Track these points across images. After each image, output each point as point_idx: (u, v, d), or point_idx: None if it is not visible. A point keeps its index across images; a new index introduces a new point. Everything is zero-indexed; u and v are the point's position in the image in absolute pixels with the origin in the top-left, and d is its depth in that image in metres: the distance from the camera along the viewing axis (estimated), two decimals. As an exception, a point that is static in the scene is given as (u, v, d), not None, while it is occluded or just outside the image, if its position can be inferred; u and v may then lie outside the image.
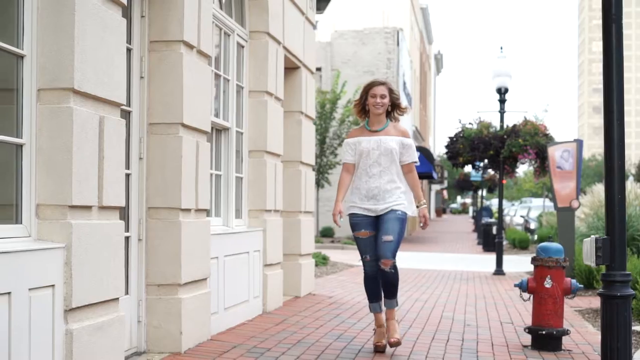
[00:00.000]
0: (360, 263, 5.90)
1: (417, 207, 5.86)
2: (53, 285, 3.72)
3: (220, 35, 6.76)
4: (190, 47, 5.48)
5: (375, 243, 5.70)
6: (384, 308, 5.86)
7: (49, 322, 3.71)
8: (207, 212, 5.97)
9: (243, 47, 7.33)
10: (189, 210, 5.46)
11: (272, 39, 7.60)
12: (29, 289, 3.54)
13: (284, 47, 8.07)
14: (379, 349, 5.79)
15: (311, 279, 9.33)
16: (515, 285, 6.53)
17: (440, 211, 68.90)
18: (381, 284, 5.77)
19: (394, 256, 5.64)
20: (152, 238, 5.29)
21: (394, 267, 5.64)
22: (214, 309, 6.05)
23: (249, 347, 5.69)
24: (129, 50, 5.06)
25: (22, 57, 3.78)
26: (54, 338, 3.74)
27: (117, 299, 4.33)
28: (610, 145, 4.33)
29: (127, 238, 5.05)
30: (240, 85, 7.29)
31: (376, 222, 5.72)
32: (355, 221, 5.77)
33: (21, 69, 3.79)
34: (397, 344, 5.67)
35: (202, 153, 5.65)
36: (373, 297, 5.87)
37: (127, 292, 5.03)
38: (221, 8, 6.73)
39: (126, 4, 4.50)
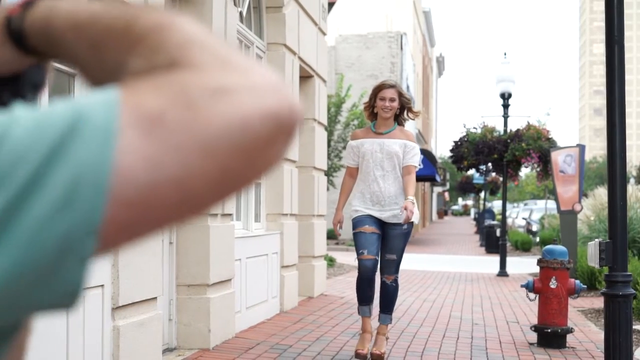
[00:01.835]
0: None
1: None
2: (102, 285, 4.07)
3: (241, 47, 7.10)
4: (217, 61, 5.79)
5: (377, 243, 5.51)
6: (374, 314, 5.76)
7: (99, 319, 4.05)
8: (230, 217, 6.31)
9: (261, 58, 7.67)
10: (215, 215, 5.79)
11: (289, 50, 7.93)
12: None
13: (299, 58, 8.40)
14: (359, 356, 5.54)
15: (323, 280, 9.66)
16: (522, 286, 6.87)
17: (442, 213, 69.25)
18: (380, 296, 5.67)
19: (397, 271, 5.61)
20: (182, 241, 5.63)
21: (396, 281, 5.59)
22: (237, 308, 6.39)
23: (272, 344, 6.03)
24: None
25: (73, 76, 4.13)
26: (103, 333, 4.09)
27: (156, 298, 4.67)
28: (613, 154, 4.64)
29: (159, 241, 5.39)
30: (259, 94, 7.60)
31: (383, 225, 5.58)
32: (359, 219, 5.56)
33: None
34: (379, 358, 5.44)
35: (227, 161, 5.97)
36: (364, 299, 5.62)
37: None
38: (242, 22, 7.07)
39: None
